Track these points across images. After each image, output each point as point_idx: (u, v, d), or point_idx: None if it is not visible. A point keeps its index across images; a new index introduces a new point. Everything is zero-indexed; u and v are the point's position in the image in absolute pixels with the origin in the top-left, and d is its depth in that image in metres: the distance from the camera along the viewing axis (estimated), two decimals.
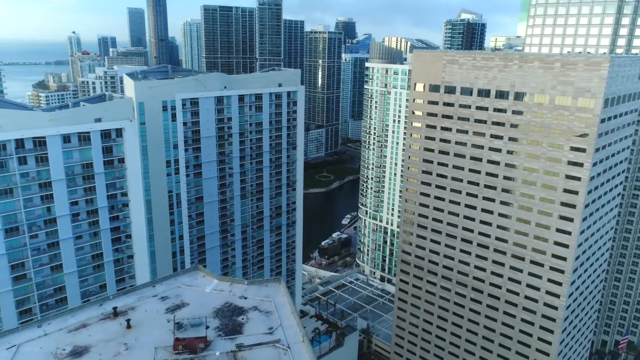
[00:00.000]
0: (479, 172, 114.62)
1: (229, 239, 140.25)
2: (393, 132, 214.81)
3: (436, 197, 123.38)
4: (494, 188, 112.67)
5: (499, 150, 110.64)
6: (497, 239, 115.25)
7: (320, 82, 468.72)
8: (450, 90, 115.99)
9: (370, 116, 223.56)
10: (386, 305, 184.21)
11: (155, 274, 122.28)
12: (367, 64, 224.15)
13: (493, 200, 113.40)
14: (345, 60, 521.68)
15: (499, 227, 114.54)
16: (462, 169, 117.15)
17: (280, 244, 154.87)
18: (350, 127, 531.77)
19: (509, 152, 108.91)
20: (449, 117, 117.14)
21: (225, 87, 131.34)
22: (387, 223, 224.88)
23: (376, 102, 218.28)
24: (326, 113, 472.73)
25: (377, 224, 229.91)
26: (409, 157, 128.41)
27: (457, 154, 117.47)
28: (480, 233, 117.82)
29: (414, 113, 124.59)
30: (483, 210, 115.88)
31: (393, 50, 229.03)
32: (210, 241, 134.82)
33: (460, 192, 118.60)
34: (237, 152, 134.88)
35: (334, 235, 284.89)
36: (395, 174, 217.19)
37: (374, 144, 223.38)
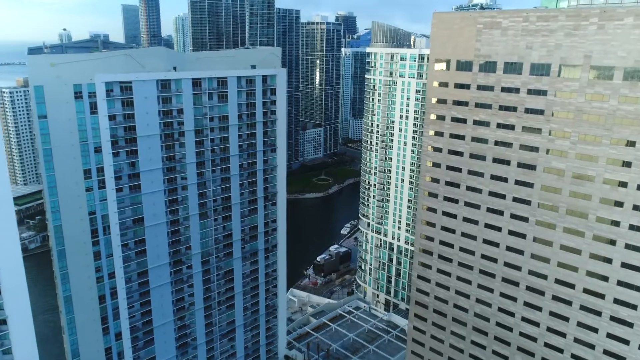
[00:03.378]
0: (531, 185, 79.01)
1: (184, 272, 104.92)
2: (400, 130, 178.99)
3: (466, 220, 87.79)
4: (556, 209, 76.89)
5: (563, 155, 74.92)
6: (557, 281, 79.57)
7: (318, 78, 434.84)
8: (488, 67, 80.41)
9: (372, 111, 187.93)
10: (393, 344, 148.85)
11: (73, 331, 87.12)
12: (368, 49, 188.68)
13: (553, 226, 77.63)
14: (345, 54, 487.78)
15: (560, 264, 78.87)
16: (506, 180, 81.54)
17: (256, 275, 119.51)
18: (351, 125, 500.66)
19: (583, 158, 73.10)
20: (487, 106, 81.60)
21: (174, 69, 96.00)
22: (394, 238, 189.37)
23: (379, 94, 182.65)
24: (324, 111, 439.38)
25: (381, 239, 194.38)
26: (426, 162, 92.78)
27: (497, 160, 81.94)
28: (530, 272, 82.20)
29: (433, 102, 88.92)
30: (536, 240, 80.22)
31: (400, 31, 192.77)
32: (156, 277, 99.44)
33: (501, 213, 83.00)
34: (193, 156, 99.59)
35: (332, 248, 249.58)
36: (402, 180, 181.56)
37: (376, 144, 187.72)
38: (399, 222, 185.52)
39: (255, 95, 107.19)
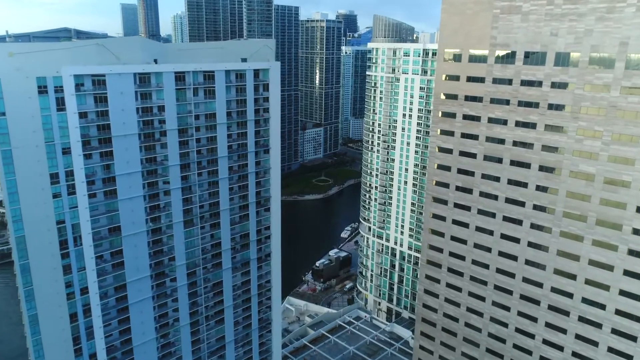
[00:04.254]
0: (554, 191, 69.61)
1: (167, 285, 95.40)
2: (403, 129, 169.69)
3: (479, 229, 78.38)
4: (583, 219, 67.41)
5: (593, 158, 65.42)
6: (585, 301, 70.09)
7: (318, 77, 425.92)
8: (506, 58, 71.10)
9: (373, 110, 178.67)
10: (396, 357, 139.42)
11: (40, 354, 77.84)
12: (369, 44, 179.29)
13: (581, 239, 68.13)
14: (346, 53, 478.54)
15: (588, 282, 69.45)
16: (525, 185, 72.12)
17: (248, 287, 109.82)
18: (352, 125, 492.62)
19: (616, 161, 63.55)
20: (504, 101, 72.16)
21: (155, 61, 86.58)
22: (396, 243, 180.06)
23: (381, 92, 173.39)
24: (324, 110, 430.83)
25: (382, 244, 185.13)
26: (433, 164, 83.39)
27: (516, 162, 72.53)
28: (553, 290, 72.71)
29: (441, 98, 79.58)
30: (560, 254, 70.77)
31: (403, 25, 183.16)
32: (135, 292, 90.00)
33: (520, 222, 73.53)
34: (176, 157, 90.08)
35: (331, 252, 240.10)
36: (405, 183, 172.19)
37: (378, 144, 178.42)
38: (402, 226, 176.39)
39: (246, 91, 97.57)
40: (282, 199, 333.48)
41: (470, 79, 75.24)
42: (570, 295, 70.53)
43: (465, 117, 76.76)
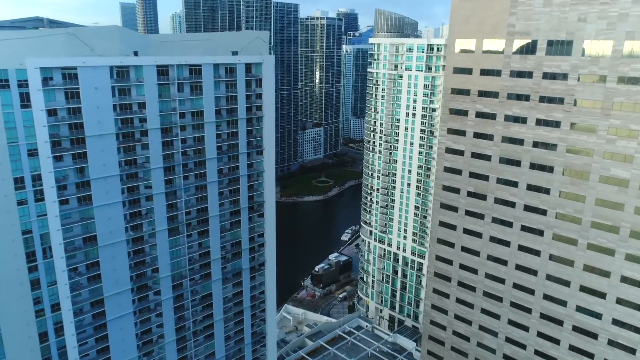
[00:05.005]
0: (581, 198, 61.33)
1: (150, 299, 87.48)
2: (406, 129, 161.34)
3: (494, 240, 70.18)
4: (615, 231, 59.19)
5: (628, 160, 57.21)
6: (615, 322, 61.76)
7: (318, 76, 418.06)
8: (525, 48, 62.84)
9: (375, 109, 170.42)
10: None
11: None
12: (371, 40, 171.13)
13: (612, 252, 59.93)
14: (346, 51, 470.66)
15: (619, 301, 61.19)
16: (547, 192, 63.90)
17: (240, 299, 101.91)
18: (352, 125, 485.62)
19: None
20: (523, 97, 63.96)
21: (136, 53, 78.57)
22: (399, 248, 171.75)
23: (383, 89, 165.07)
24: (325, 110, 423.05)
25: (384, 249, 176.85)
26: (442, 167, 75.18)
27: (536, 166, 64.28)
28: (579, 309, 64.50)
29: (451, 93, 71.41)
30: (587, 269, 62.57)
31: (406, 20, 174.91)
32: (114, 307, 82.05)
33: (540, 233, 65.31)
34: (159, 160, 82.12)
35: (331, 257, 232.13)
36: (408, 185, 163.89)
37: (380, 145, 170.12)
38: (405, 231, 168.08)
39: (237, 87, 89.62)
40: (281, 200, 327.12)
41: (484, 72, 67.10)
42: (598, 316, 62.48)
43: (479, 114, 68.65)
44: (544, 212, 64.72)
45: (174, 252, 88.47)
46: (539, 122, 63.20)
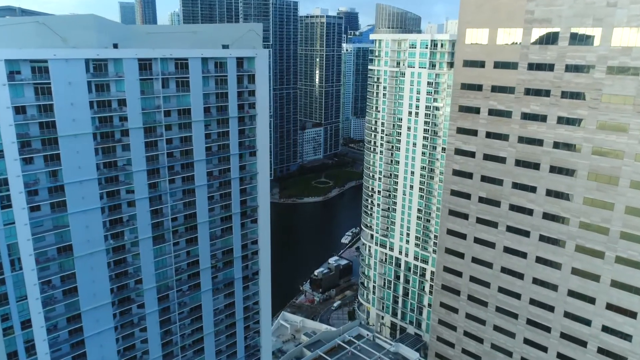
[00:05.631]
0: (609, 206, 54.50)
1: (133, 313, 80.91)
2: (408, 128, 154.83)
3: (509, 251, 63.49)
4: None
5: None
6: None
7: (318, 75, 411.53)
8: (546, 38, 55.95)
9: (376, 108, 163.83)
10: None
11: None
12: (372, 36, 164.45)
13: (637, 265, 53.18)
14: (347, 50, 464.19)
15: None
16: (569, 198, 57.07)
17: (232, 310, 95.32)
18: (353, 125, 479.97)
19: None
20: (543, 92, 57.18)
21: (116, 46, 71.87)
22: (401, 253, 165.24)
23: (385, 87, 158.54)
24: (325, 109, 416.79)
25: (386, 254, 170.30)
26: (451, 170, 68.40)
27: (558, 169, 57.43)
28: (605, 329, 57.68)
29: (461, 89, 64.59)
30: (615, 284, 55.75)
31: (409, 14, 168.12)
32: (93, 322, 75.44)
33: (562, 244, 58.45)
34: (142, 162, 75.54)
35: (331, 260, 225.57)
36: (411, 187, 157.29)
37: (381, 145, 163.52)
38: (407, 235, 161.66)
39: (228, 83, 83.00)
40: (280, 202, 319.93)
41: (499, 65, 60.43)
42: (628, 338, 55.82)
43: (492, 112, 61.99)
44: (565, 221, 58.00)
45: (160, 262, 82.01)
46: (561, 120, 56.50)
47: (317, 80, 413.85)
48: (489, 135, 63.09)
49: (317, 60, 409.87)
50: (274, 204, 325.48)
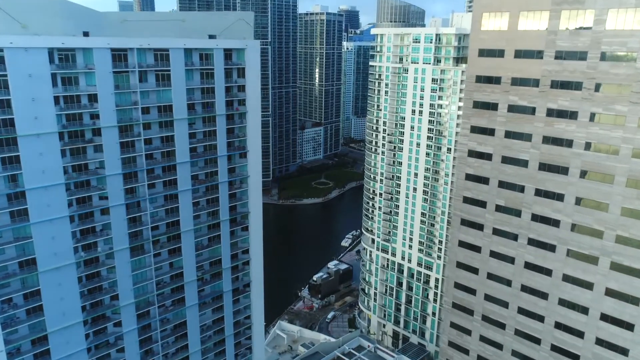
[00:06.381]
0: None
1: (109, 332, 73.03)
2: (412, 128, 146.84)
3: (531, 267, 55.29)
4: None
5: None
6: None
7: (317, 73, 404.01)
8: (578, 22, 47.65)
9: (377, 106, 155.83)
10: None
11: None
12: (373, 30, 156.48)
13: None
14: (347, 48, 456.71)
15: None
16: (605, 208, 48.89)
17: (221, 326, 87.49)
18: (353, 124, 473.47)
19: None
20: (573, 85, 48.98)
21: (87, 34, 63.91)
22: (403, 259, 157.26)
23: (387, 85, 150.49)
24: (325, 109, 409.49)
25: (388, 259, 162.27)
26: (464, 174, 60.35)
27: (589, 174, 49.22)
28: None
29: (475, 82, 56.48)
30: None
31: (412, 7, 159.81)
32: (62, 344, 67.54)
33: (594, 260, 50.33)
34: (117, 164, 67.61)
35: (330, 265, 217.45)
36: (414, 190, 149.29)
37: (383, 145, 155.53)
38: (410, 240, 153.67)
39: (215, 77, 74.99)
40: (279, 203, 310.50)
41: (521, 54, 52.49)
42: None
43: (513, 108, 54.03)
44: (598, 234, 50.08)
45: (138, 275, 74.13)
46: (594, 117, 48.59)
47: (316, 78, 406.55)
48: (508, 134, 55.06)
49: (317, 58, 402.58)
50: (273, 206, 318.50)
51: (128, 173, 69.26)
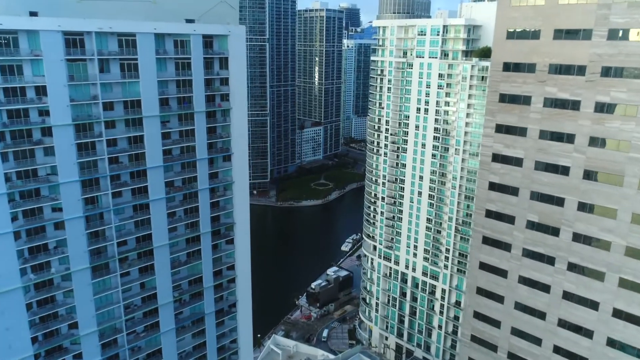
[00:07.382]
0: None
1: None
2: (417, 127, 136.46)
3: (570, 297, 44.54)
4: None
5: None
6: None
7: (317, 71, 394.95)
8: None
9: (380, 104, 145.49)
10: None
11: None
12: (375, 22, 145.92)
13: None
14: (348, 46, 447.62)
15: None
16: None
17: (204, 352, 77.04)
18: (354, 124, 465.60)
19: None
20: (632, 73, 38.22)
21: (34, 14, 53.38)
22: (407, 267, 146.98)
23: (390, 81, 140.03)
24: (324, 108, 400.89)
25: (391, 268, 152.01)
26: (487, 183, 49.66)
27: None
28: None
29: (501, 70, 45.72)
30: None
31: None
32: None
33: None
34: (73, 170, 57.15)
35: (330, 272, 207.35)
36: (419, 194, 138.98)
37: (386, 146, 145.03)
38: (415, 247, 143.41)
39: (192, 68, 64.48)
40: (277, 205, 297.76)
41: (562, 34, 41.99)
42: None
43: (551, 102, 43.58)
44: None
45: (102, 299, 63.76)
46: None
47: (316, 77, 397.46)
48: (544, 134, 44.58)
49: (317, 56, 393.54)
50: (271, 208, 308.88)
51: (88, 180, 58.79)
